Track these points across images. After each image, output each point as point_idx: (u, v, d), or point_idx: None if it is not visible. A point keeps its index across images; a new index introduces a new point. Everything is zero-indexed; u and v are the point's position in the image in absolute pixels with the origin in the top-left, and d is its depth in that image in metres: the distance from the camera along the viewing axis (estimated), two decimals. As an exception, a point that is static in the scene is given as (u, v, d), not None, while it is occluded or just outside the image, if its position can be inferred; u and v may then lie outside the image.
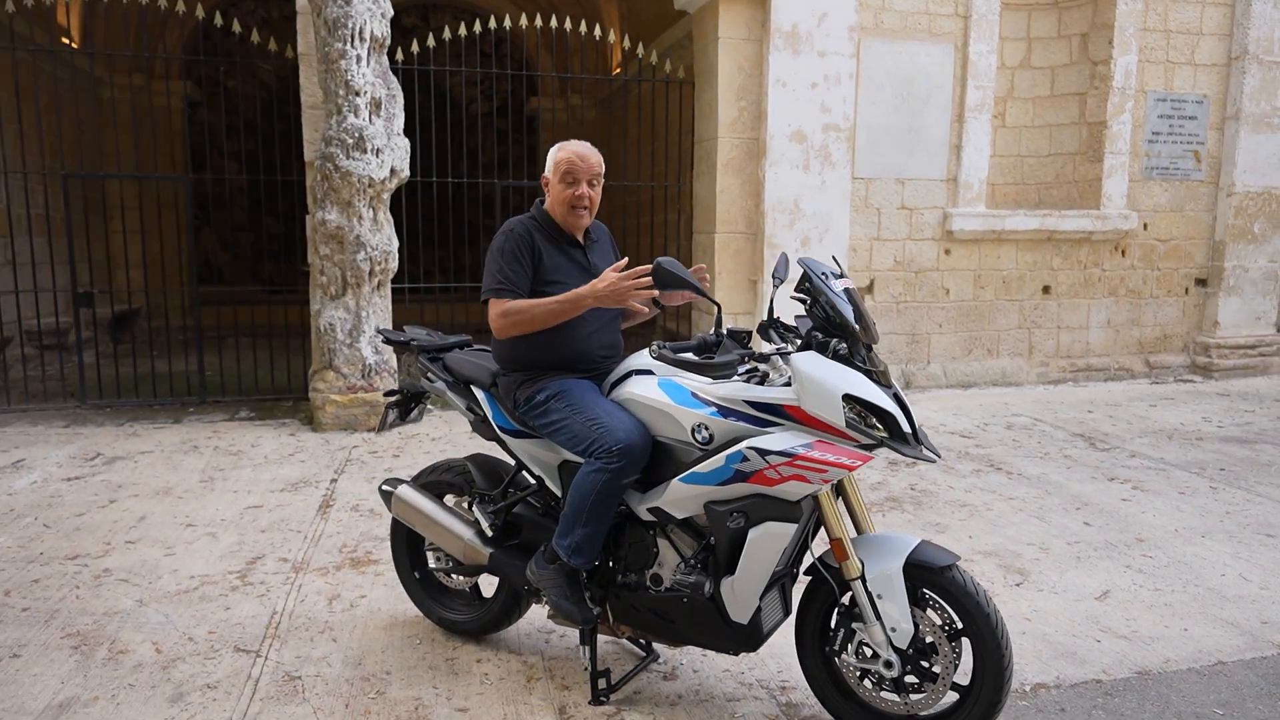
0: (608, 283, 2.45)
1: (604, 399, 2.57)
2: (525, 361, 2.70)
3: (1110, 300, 8.27)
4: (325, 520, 4.32)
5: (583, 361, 2.70)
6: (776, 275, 2.69)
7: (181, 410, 6.78)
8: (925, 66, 7.50)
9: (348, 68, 5.77)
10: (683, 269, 2.27)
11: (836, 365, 2.24)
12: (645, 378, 2.54)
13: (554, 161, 2.75)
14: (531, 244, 2.67)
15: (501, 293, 2.61)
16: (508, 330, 2.58)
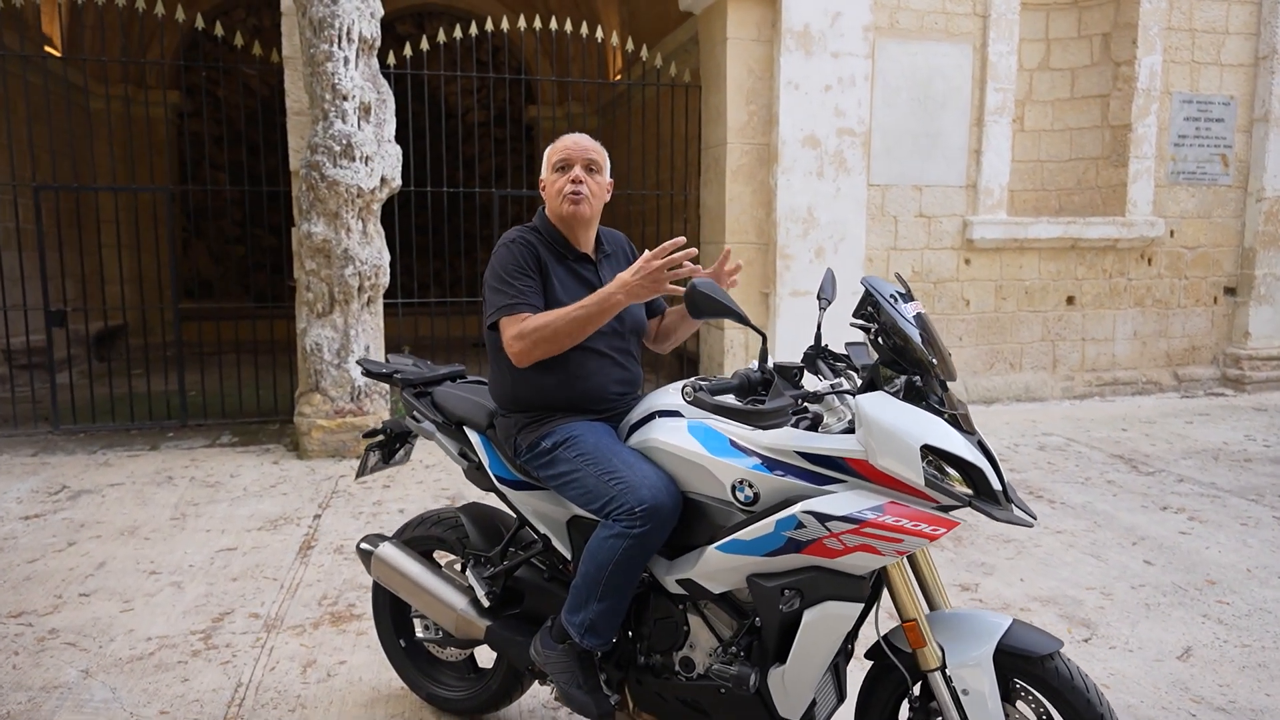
0: (636, 268, 2.05)
1: (622, 447, 2.16)
2: (526, 400, 2.30)
3: (1136, 311, 7.89)
4: (305, 565, 3.91)
5: (595, 400, 2.30)
6: (823, 295, 2.29)
7: (160, 435, 6.37)
8: (943, 68, 7.13)
9: (335, 70, 5.38)
10: (722, 292, 1.88)
11: (911, 409, 1.85)
12: (672, 421, 2.14)
13: (546, 158, 2.40)
14: (535, 256, 2.29)
15: (515, 308, 2.21)
16: (530, 353, 2.17)
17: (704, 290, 1.84)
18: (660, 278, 2.04)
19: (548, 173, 2.38)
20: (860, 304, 2.00)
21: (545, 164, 2.40)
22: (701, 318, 1.92)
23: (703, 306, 1.86)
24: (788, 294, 6.84)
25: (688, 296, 1.88)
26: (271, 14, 12.37)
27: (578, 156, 2.32)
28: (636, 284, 2.05)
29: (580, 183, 2.30)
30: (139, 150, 11.27)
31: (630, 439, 2.22)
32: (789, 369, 1.92)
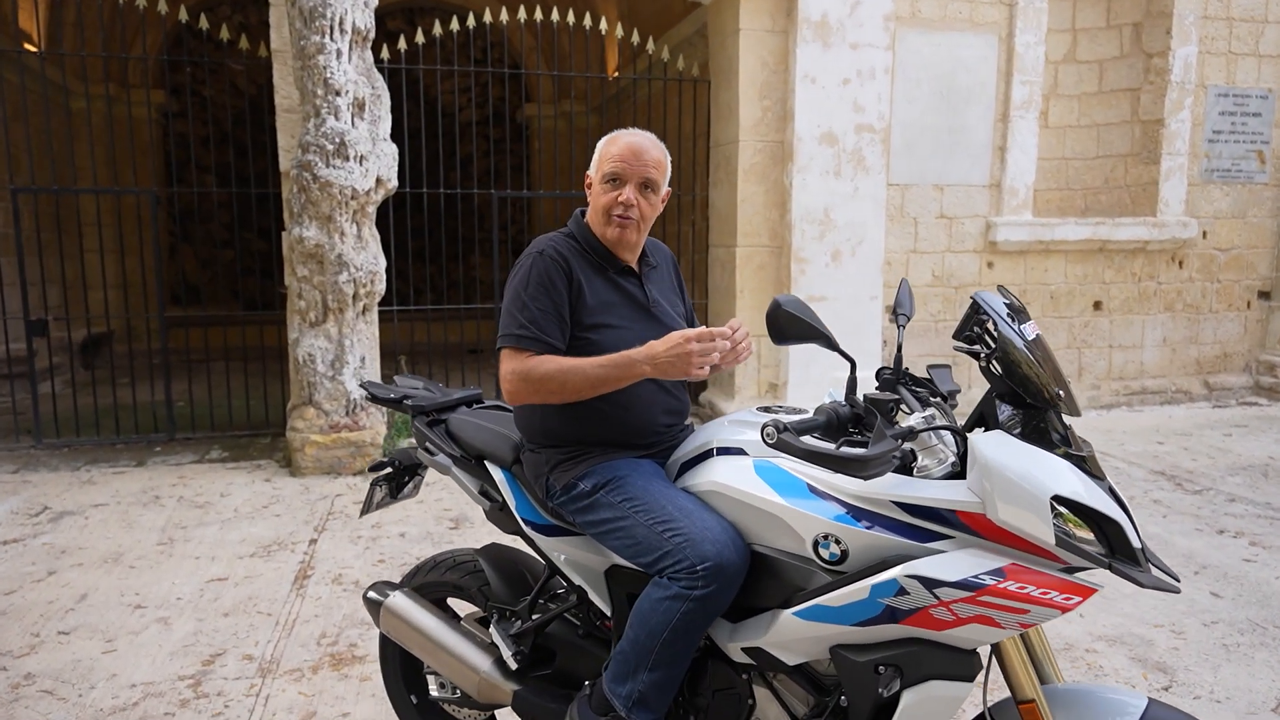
0: (670, 345, 1.77)
1: (676, 490, 1.84)
2: (559, 435, 1.98)
3: (1166, 316, 7.59)
4: (301, 598, 3.57)
5: (640, 434, 1.98)
6: (900, 310, 1.98)
7: (146, 450, 6.02)
8: (966, 60, 6.82)
9: (326, 64, 5.05)
10: (809, 311, 1.56)
11: (1037, 451, 1.53)
12: (734, 459, 1.82)
13: (599, 154, 2.05)
14: (568, 272, 1.96)
15: (523, 341, 1.90)
16: (525, 396, 1.90)
17: (790, 310, 1.52)
18: (694, 362, 1.77)
19: (596, 177, 2.04)
20: (965, 322, 1.68)
21: (595, 163, 2.06)
22: (784, 343, 1.61)
23: (787, 329, 1.54)
24: (803, 299, 6.52)
25: (771, 318, 1.56)
26: (258, 10, 12.01)
27: (634, 173, 1.98)
28: (666, 362, 1.78)
29: (631, 207, 1.98)
30: (123, 151, 10.90)
31: (683, 479, 1.90)
32: (883, 403, 1.60)
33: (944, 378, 1.95)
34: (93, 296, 9.43)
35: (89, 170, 9.51)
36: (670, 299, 2.15)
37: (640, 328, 1.99)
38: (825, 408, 1.58)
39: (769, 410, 1.89)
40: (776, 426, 1.45)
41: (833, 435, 1.56)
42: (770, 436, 1.45)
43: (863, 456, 1.39)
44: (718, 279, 6.96)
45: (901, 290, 2.01)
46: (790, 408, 1.90)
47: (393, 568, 3.88)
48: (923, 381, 1.93)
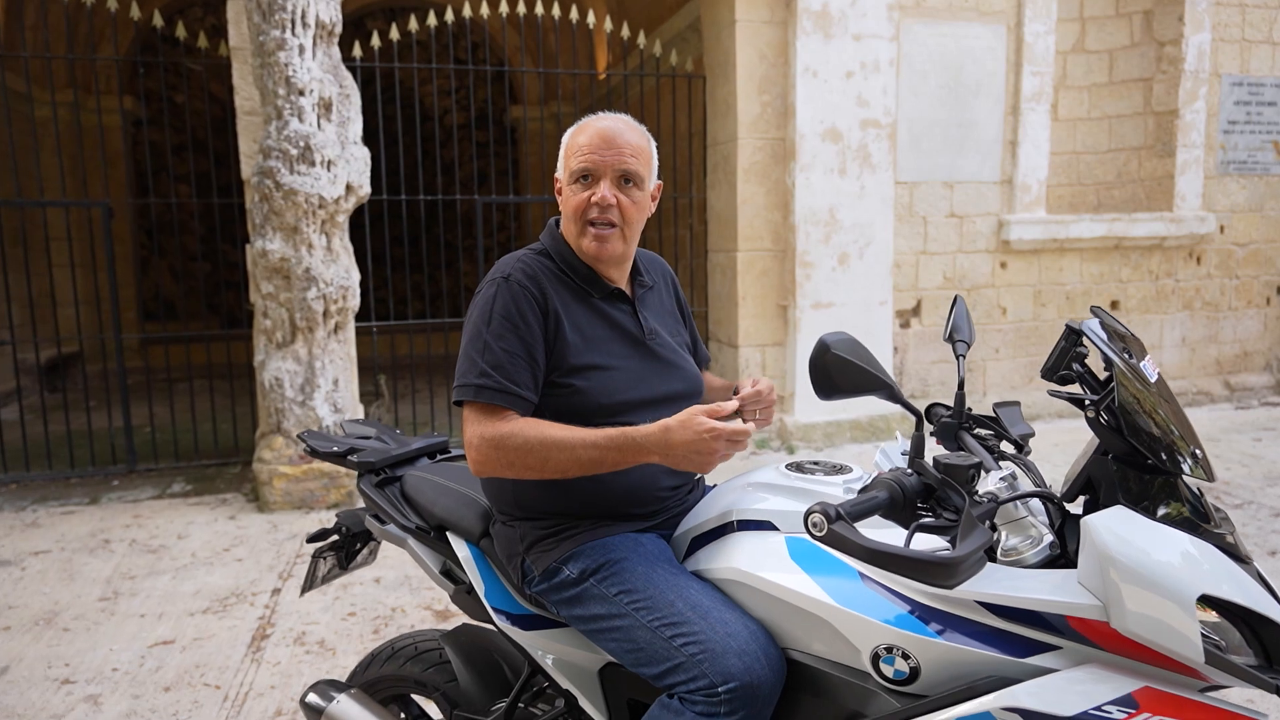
0: (691, 436, 1.38)
1: (686, 579, 1.44)
2: (537, 505, 1.58)
3: (1185, 315, 7.22)
4: (257, 664, 3.15)
5: (639, 502, 1.58)
6: (958, 337, 1.57)
7: (103, 485, 5.59)
8: (974, 51, 6.44)
9: (288, 61, 4.64)
10: (866, 354, 1.16)
11: (1171, 534, 1.14)
12: (760, 537, 1.41)
13: (565, 149, 1.65)
14: (541, 301, 1.56)
15: (487, 394, 1.50)
16: (496, 469, 1.50)
17: (841, 354, 1.13)
18: (717, 461, 1.39)
19: (565, 178, 1.63)
20: (1060, 356, 1.29)
21: (562, 160, 1.65)
22: (834, 397, 1.20)
23: (839, 379, 1.15)
24: (809, 306, 6.13)
25: (817, 366, 1.16)
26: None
27: (607, 164, 1.57)
28: (683, 457, 1.40)
29: (610, 207, 1.57)
30: (91, 161, 10.47)
31: (696, 559, 1.50)
32: (961, 470, 1.18)
33: (1013, 417, 1.55)
34: (62, 314, 9.00)
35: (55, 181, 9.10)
36: (671, 325, 1.75)
37: (636, 367, 1.59)
38: (885, 479, 1.17)
39: (801, 469, 1.49)
40: (826, 513, 1.04)
41: (899, 515, 1.15)
42: (818, 527, 1.04)
43: (950, 560, 0.99)
44: (718, 286, 6.57)
45: (957, 312, 1.61)
46: (828, 463, 1.50)
47: (364, 622, 3.46)
48: (985, 419, 1.53)
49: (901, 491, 1.12)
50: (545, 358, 1.54)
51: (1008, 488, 1.23)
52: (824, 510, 1.02)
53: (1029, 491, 1.21)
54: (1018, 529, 1.22)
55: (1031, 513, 1.25)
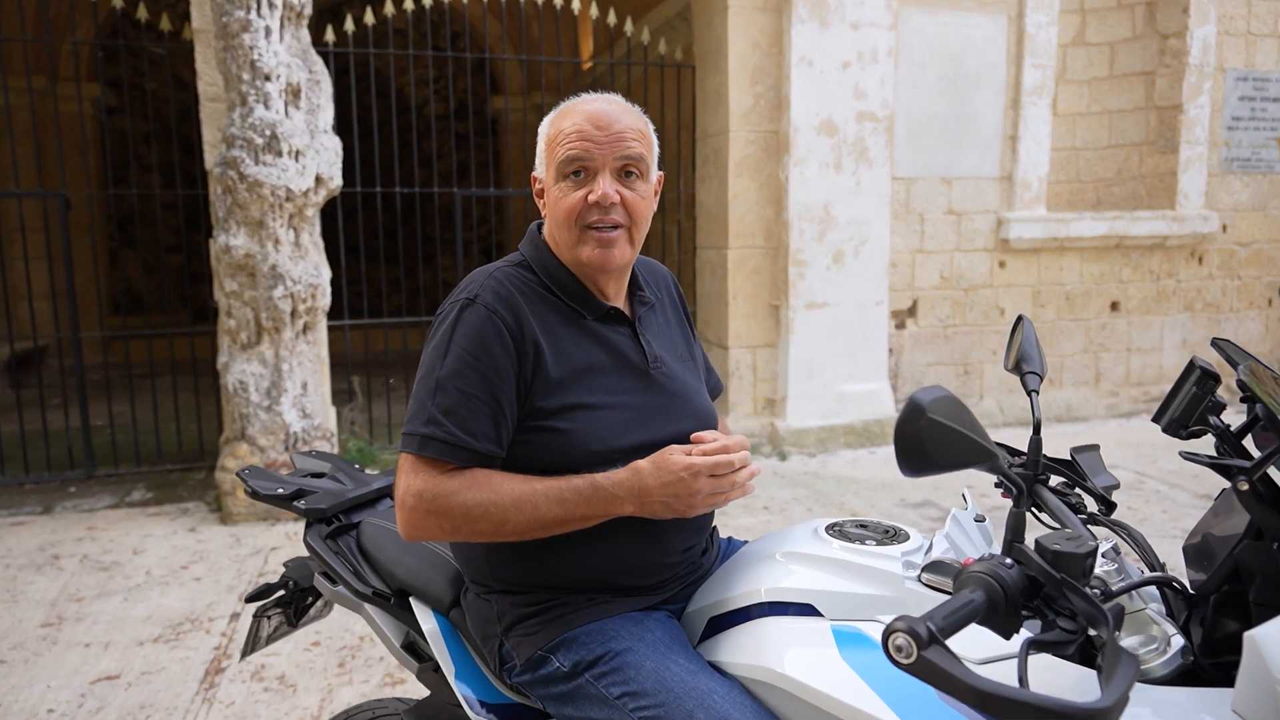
0: (667, 478, 1.17)
1: (705, 676, 1.18)
2: (518, 575, 1.32)
3: (1186, 316, 7.04)
4: (208, 704, 2.87)
5: (643, 571, 1.32)
6: (1028, 369, 1.31)
7: (59, 491, 5.27)
8: (974, 41, 6.20)
9: (253, 44, 4.33)
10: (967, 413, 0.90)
11: None
12: (799, 625, 1.15)
13: (546, 138, 1.36)
14: (517, 332, 1.28)
15: (433, 445, 1.23)
16: (433, 533, 1.24)
17: (940, 419, 0.86)
18: (700, 505, 1.20)
19: (549, 176, 1.35)
20: (1190, 406, 1.03)
21: (543, 152, 1.36)
22: (926, 472, 0.93)
23: (935, 451, 0.87)
24: (802, 306, 5.88)
25: (908, 434, 0.89)
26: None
27: (604, 152, 1.29)
28: (660, 503, 1.19)
29: (614, 205, 1.30)
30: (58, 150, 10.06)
31: (714, 646, 1.23)
32: (1077, 560, 0.91)
33: (1094, 465, 1.29)
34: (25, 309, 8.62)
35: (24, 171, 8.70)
36: (679, 349, 1.48)
37: (637, 403, 1.33)
38: (979, 574, 0.89)
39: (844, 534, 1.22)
40: (915, 634, 0.77)
41: (999, 621, 0.89)
42: (904, 653, 0.78)
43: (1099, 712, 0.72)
44: (707, 284, 6.31)
45: (1025, 337, 1.34)
46: (877, 525, 1.24)
47: (329, 653, 3.18)
48: (1060, 468, 1.28)
49: (1002, 591, 0.85)
50: (519, 399, 1.27)
51: (1117, 571, 0.98)
52: (911, 630, 0.76)
53: (1151, 578, 0.96)
54: (1134, 625, 0.97)
55: (1145, 600, 0.99)
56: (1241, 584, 0.96)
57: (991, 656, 0.99)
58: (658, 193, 1.41)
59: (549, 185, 1.35)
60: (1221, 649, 0.98)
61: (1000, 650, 0.97)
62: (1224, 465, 1.00)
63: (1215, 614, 0.98)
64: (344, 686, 2.94)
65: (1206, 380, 1.06)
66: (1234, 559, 0.96)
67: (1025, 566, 0.88)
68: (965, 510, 1.19)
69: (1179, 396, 1.07)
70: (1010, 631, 0.86)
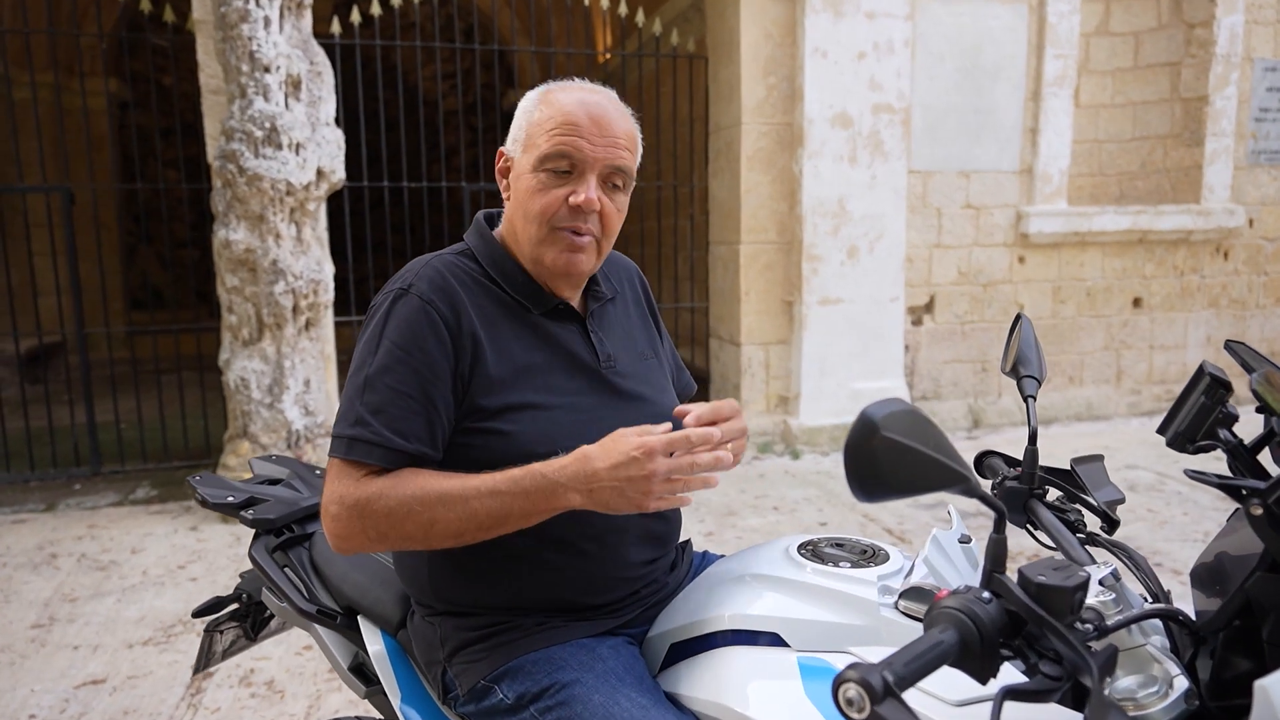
0: (617, 459, 1.04)
1: (661, 711, 1.08)
2: (461, 595, 1.23)
3: (1210, 313, 6.84)
4: (194, 709, 2.81)
5: (601, 587, 1.22)
6: (1026, 372, 1.21)
7: (64, 489, 5.25)
8: (993, 31, 6.04)
9: (252, 34, 4.26)
10: (929, 427, 0.78)
11: None
12: (763, 655, 1.05)
13: (529, 119, 1.26)
14: (453, 322, 1.19)
15: (360, 447, 1.14)
16: (360, 542, 1.13)
17: (894, 436, 0.73)
18: (656, 490, 1.04)
19: (525, 159, 1.24)
20: (1199, 418, 0.92)
21: (522, 133, 1.27)
22: (879, 497, 0.82)
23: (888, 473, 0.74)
24: (815, 302, 5.75)
25: (859, 451, 0.76)
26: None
27: (597, 156, 1.21)
28: (611, 489, 1.04)
29: (595, 211, 1.21)
30: (75, 145, 10.11)
31: (673, 677, 1.14)
32: (1065, 594, 0.79)
33: (1097, 478, 1.18)
34: (42, 304, 8.65)
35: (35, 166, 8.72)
36: (640, 346, 1.38)
37: (586, 404, 1.24)
38: (951, 610, 0.77)
39: (818, 554, 1.13)
40: (867, 684, 0.67)
41: (973, 664, 0.78)
42: (855, 707, 0.67)
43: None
44: (719, 280, 6.20)
45: (1022, 338, 1.24)
46: (854, 544, 1.14)
47: (319, 658, 3.11)
48: (1058, 478, 1.17)
49: (977, 630, 0.74)
50: (457, 397, 1.18)
51: (1115, 601, 0.87)
52: (863, 681, 0.65)
53: (1151, 610, 0.86)
54: (1133, 663, 0.86)
55: (1146, 633, 0.89)
56: (1254, 619, 0.86)
57: (970, 698, 0.89)
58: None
59: (523, 170, 1.25)
60: (1231, 690, 0.87)
61: (980, 690, 0.87)
62: (1235, 486, 0.89)
63: (1225, 651, 0.88)
64: (332, 694, 2.87)
65: (1217, 389, 0.95)
66: (1245, 592, 0.86)
67: (1005, 601, 0.78)
68: (949, 530, 1.09)
69: (1186, 406, 0.96)
70: (987, 675, 0.75)
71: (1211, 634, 0.88)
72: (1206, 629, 0.88)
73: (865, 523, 4.46)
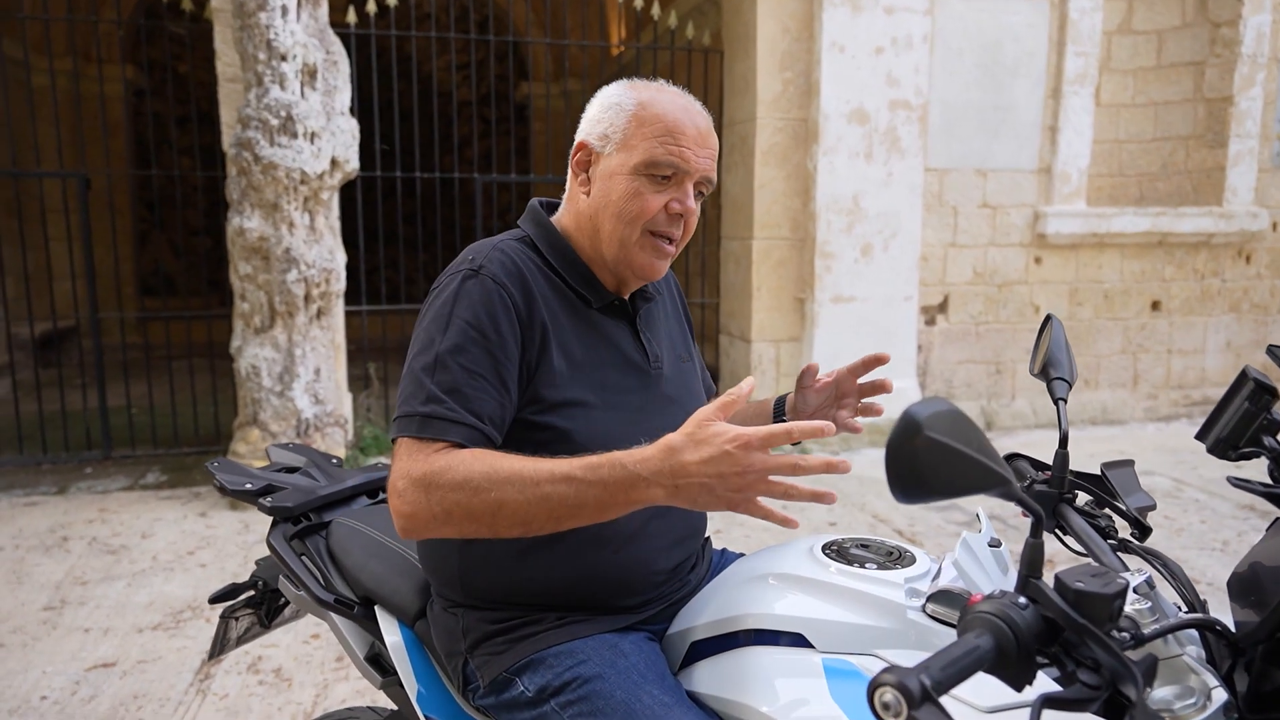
0: (707, 445, 0.94)
1: (683, 710, 1.06)
2: (487, 589, 1.20)
3: (1231, 317, 6.78)
4: (202, 695, 2.81)
5: (626, 588, 1.20)
6: (1055, 374, 1.18)
7: (75, 472, 5.26)
8: (1014, 28, 5.98)
9: (269, 22, 4.25)
10: (971, 428, 0.75)
11: None
12: (789, 655, 1.03)
13: (629, 116, 1.22)
14: (524, 308, 1.17)
15: (435, 425, 1.09)
16: (426, 523, 1.07)
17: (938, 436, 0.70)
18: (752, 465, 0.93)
19: (621, 158, 1.21)
20: (1242, 424, 0.90)
21: (619, 131, 1.23)
22: (919, 499, 0.78)
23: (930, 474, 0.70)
24: (828, 300, 5.72)
25: (900, 452, 0.72)
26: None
27: (698, 167, 1.21)
28: (699, 485, 0.94)
29: (693, 215, 1.23)
30: (91, 132, 10.13)
31: (695, 675, 1.12)
32: (1104, 601, 0.77)
33: (1128, 483, 1.16)
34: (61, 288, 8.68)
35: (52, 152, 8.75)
36: (678, 348, 1.37)
37: (634, 403, 1.22)
38: (987, 616, 0.75)
39: (843, 554, 1.11)
40: (904, 689, 0.65)
41: (1009, 671, 0.76)
42: (893, 711, 0.65)
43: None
44: (731, 276, 6.17)
45: (1053, 340, 1.21)
46: (880, 545, 1.12)
47: (327, 646, 3.10)
48: (1088, 483, 1.14)
49: (1013, 636, 0.72)
50: (520, 385, 1.15)
51: (1151, 610, 0.85)
52: (901, 685, 0.63)
53: (1189, 620, 0.83)
54: (1169, 674, 0.84)
55: (1182, 644, 0.86)
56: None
57: (1002, 704, 0.87)
58: None
59: (615, 170, 1.22)
60: (1270, 704, 0.85)
61: (1013, 696, 0.85)
62: (1273, 492, 0.87)
63: (1264, 664, 0.85)
64: (340, 683, 2.87)
65: (1261, 394, 0.92)
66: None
67: (1042, 607, 0.75)
68: (979, 533, 1.07)
69: (1228, 412, 0.94)
70: (1022, 683, 0.73)
71: (1251, 646, 0.86)
72: (1246, 641, 0.85)
73: (875, 523, 4.43)
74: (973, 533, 1.05)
